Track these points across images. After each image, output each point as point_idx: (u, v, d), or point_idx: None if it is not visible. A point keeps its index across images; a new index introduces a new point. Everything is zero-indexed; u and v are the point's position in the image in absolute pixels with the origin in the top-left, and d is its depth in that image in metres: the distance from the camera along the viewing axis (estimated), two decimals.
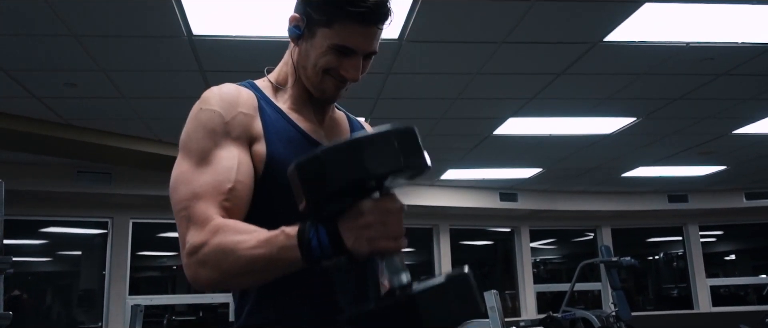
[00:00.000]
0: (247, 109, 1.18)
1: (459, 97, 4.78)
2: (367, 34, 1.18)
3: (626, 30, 3.67)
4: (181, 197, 1.10)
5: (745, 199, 9.26)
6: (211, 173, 1.10)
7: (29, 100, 4.54)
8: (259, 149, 1.16)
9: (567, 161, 7.06)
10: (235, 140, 1.14)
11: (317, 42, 1.19)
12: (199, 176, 1.10)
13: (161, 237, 8.36)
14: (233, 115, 1.16)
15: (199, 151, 1.13)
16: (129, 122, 5.21)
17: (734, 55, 4.12)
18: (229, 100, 1.18)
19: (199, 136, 1.14)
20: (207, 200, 1.08)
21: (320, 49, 1.19)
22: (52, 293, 8.10)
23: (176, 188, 1.13)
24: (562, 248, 11.20)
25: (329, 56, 1.19)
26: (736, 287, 10.52)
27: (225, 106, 1.16)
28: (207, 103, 1.17)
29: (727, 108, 5.29)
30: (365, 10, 1.14)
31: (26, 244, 7.68)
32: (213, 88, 1.21)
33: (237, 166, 1.12)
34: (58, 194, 6.57)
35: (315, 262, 0.97)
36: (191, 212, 1.08)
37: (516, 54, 4.00)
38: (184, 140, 1.17)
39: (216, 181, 1.09)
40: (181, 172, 1.13)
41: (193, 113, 1.18)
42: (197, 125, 1.16)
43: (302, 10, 1.21)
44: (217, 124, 1.14)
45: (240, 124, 1.16)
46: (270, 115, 1.21)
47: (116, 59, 3.90)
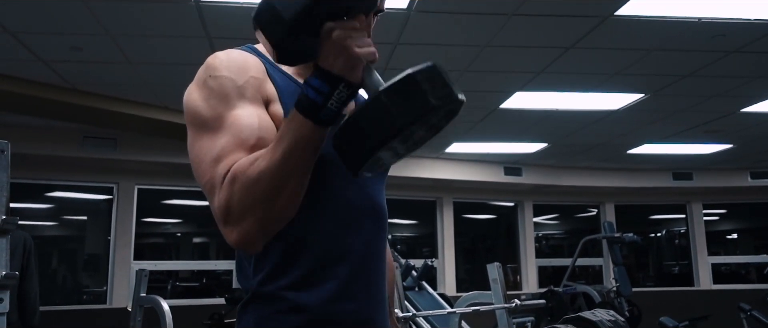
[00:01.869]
0: (257, 73, 1.12)
1: (467, 69, 4.75)
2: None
3: (637, 4, 3.62)
4: (205, 169, 1.05)
5: (750, 178, 9.24)
6: (230, 132, 1.04)
7: (35, 64, 4.53)
8: (277, 110, 1.11)
9: (573, 137, 7.04)
10: (252, 100, 1.09)
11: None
12: (217, 140, 1.04)
13: (166, 204, 8.40)
14: (245, 79, 1.10)
15: (214, 118, 1.07)
16: (135, 88, 5.20)
17: (746, 32, 4.07)
18: (239, 64, 1.11)
19: (212, 104, 1.08)
20: (228, 158, 1.02)
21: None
22: (58, 257, 8.18)
23: (198, 165, 1.07)
24: (565, 224, 11.22)
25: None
26: (738, 266, 10.56)
27: (235, 71, 1.10)
28: (215, 70, 1.10)
29: (736, 86, 5.25)
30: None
31: (32, 208, 7.72)
32: (217, 54, 1.14)
33: (258, 122, 1.06)
34: (64, 159, 6.59)
35: (325, 112, 0.96)
36: (214, 176, 1.03)
37: (525, 27, 3.97)
38: (194, 112, 1.10)
39: (237, 138, 1.04)
40: (199, 147, 1.07)
41: (200, 83, 1.11)
42: (208, 94, 1.09)
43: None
44: (230, 89, 1.08)
45: (253, 86, 1.10)
46: (279, 79, 1.16)
47: (122, 23, 3.88)
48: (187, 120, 1.12)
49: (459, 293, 7.44)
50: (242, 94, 1.08)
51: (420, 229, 9.84)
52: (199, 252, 9.75)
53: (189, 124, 1.11)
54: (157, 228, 9.11)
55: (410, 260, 6.18)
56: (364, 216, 1.18)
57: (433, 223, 9.06)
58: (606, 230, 7.92)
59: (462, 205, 9.24)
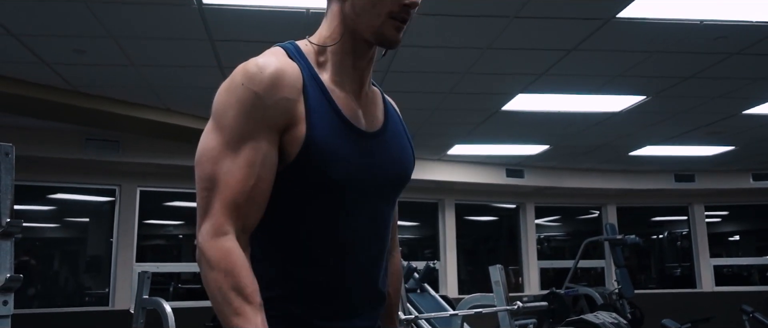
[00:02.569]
0: (290, 93, 1.14)
1: (468, 71, 4.76)
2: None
3: (640, 6, 3.63)
4: (205, 173, 1.11)
5: (752, 180, 9.23)
6: (237, 163, 1.09)
7: (38, 66, 4.54)
8: (298, 132, 1.13)
9: (575, 139, 7.04)
10: (268, 130, 1.12)
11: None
12: (224, 160, 1.10)
13: (168, 206, 8.41)
14: (275, 101, 1.12)
15: (231, 131, 1.10)
16: (138, 90, 5.22)
17: (748, 34, 4.07)
18: (274, 81, 1.12)
19: (234, 113, 1.11)
20: (225, 199, 1.08)
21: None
22: (60, 259, 8.18)
23: (201, 161, 1.12)
24: (567, 225, 11.22)
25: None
26: (740, 268, 10.54)
27: (267, 90, 1.11)
28: (250, 80, 1.12)
29: (738, 88, 5.25)
30: None
31: (34, 210, 7.73)
32: (259, 61, 1.14)
33: (261, 160, 1.10)
34: (67, 161, 6.60)
35: None
36: (209, 202, 1.09)
37: (528, 29, 3.97)
38: (218, 110, 1.14)
39: (239, 175, 1.09)
40: (209, 146, 1.12)
41: (234, 84, 1.13)
42: (234, 101, 1.11)
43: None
44: (255, 109, 1.11)
45: (279, 110, 1.12)
46: (314, 97, 1.17)
47: (126, 26, 3.89)
48: (212, 111, 1.16)
49: (461, 295, 7.44)
50: (264, 118, 1.11)
51: (422, 231, 9.84)
52: None
53: (212, 111, 1.15)
54: (160, 230, 9.12)
55: (412, 262, 6.19)
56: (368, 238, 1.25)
57: (435, 225, 9.06)
58: (608, 232, 7.92)
59: (464, 207, 9.24)
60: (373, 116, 1.29)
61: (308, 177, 1.15)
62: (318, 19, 1.21)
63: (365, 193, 1.22)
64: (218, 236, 1.07)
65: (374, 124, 1.28)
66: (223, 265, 1.05)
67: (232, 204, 1.08)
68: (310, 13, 3.67)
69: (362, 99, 1.28)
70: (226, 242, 1.07)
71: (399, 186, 1.32)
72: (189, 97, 5.45)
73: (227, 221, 1.08)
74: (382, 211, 1.28)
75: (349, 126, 1.20)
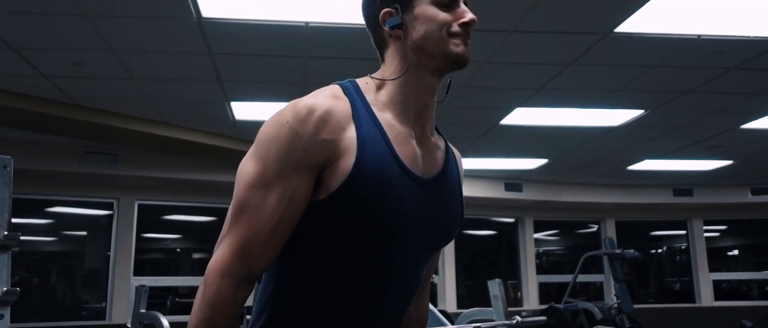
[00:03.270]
0: (334, 132, 1.12)
1: (467, 85, 4.77)
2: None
3: (637, 21, 3.64)
4: (237, 197, 1.13)
5: (751, 194, 9.23)
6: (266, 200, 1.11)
7: (37, 79, 4.55)
8: (343, 164, 1.11)
9: (573, 153, 7.05)
10: (303, 170, 1.12)
11: (420, 11, 1.20)
12: (255, 192, 1.11)
13: (166, 220, 8.39)
14: (316, 142, 1.11)
15: (267, 167, 1.11)
16: (137, 103, 5.22)
17: (745, 49, 4.09)
18: (319, 124, 1.11)
19: (273, 149, 1.11)
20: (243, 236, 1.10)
21: (429, 15, 1.20)
22: (57, 273, 8.15)
23: (237, 183, 1.14)
24: (566, 240, 11.20)
25: (441, 15, 1.20)
26: (739, 282, 10.52)
27: (311, 132, 1.11)
28: (297, 120, 1.11)
29: (736, 102, 5.26)
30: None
31: (32, 223, 7.71)
32: (309, 102, 1.13)
33: (288, 201, 1.11)
34: (65, 174, 6.59)
35: None
36: (230, 230, 1.12)
37: (526, 43, 3.98)
38: (260, 139, 1.14)
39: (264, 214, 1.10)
40: (247, 171, 1.13)
41: (282, 120, 1.13)
42: (277, 136, 1.12)
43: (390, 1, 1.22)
44: (295, 150, 1.11)
45: (319, 150, 1.11)
46: (366, 131, 1.15)
47: (125, 40, 3.90)
48: (257, 137, 1.17)
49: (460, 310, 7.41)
50: (299, 160, 1.11)
51: None
52: (199, 268, 9.71)
53: (255, 143, 1.16)
54: (157, 244, 9.09)
55: None
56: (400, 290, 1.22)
57: None
58: (607, 246, 7.91)
59: None
60: (431, 162, 1.26)
61: (349, 211, 1.12)
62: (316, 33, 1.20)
63: (409, 239, 1.18)
64: (223, 277, 1.09)
65: (431, 170, 1.25)
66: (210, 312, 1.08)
67: (249, 243, 1.10)
68: (309, 27, 3.69)
69: (423, 142, 1.25)
70: (225, 290, 1.09)
71: (443, 240, 1.29)
72: (188, 111, 5.46)
73: (234, 262, 1.09)
74: (419, 263, 1.25)
75: (401, 166, 1.16)
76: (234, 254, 1.09)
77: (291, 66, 4.25)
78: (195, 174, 6.79)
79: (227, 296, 1.08)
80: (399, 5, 1.21)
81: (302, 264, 1.17)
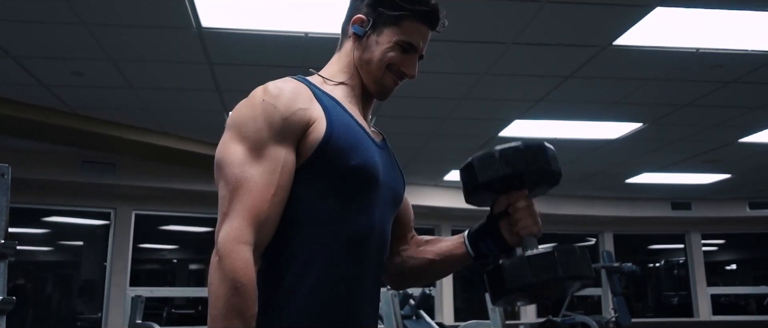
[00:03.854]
0: (305, 104, 1.25)
1: (466, 97, 4.77)
2: (426, 34, 1.39)
3: (636, 34, 3.66)
4: (230, 178, 1.19)
5: (749, 208, 9.23)
6: (260, 170, 1.18)
7: (36, 88, 4.54)
8: (316, 129, 1.23)
9: (571, 165, 7.05)
10: (287, 139, 1.22)
11: (384, 39, 1.34)
12: (247, 166, 1.19)
13: (163, 230, 8.37)
14: (292, 112, 1.22)
15: (255, 141, 1.20)
16: (135, 113, 5.22)
17: (744, 63, 4.10)
18: (290, 95, 1.24)
19: (256, 125, 1.21)
20: (249, 204, 1.16)
21: (386, 46, 1.34)
22: (53, 283, 8.11)
23: (224, 166, 1.20)
24: None
25: (394, 52, 1.34)
26: (737, 297, 10.49)
27: (286, 103, 1.23)
28: (270, 96, 1.23)
29: (734, 116, 5.27)
30: (429, 12, 1.36)
31: (28, 233, 7.68)
32: (277, 82, 1.27)
33: (281, 168, 1.20)
34: (63, 183, 6.57)
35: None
36: (232, 205, 1.16)
37: (525, 55, 3.99)
38: (238, 122, 1.23)
39: (262, 182, 1.18)
40: (233, 152, 1.20)
41: (255, 100, 1.24)
42: (257, 114, 1.22)
43: (369, 10, 1.36)
44: (276, 121, 1.21)
45: (297, 120, 1.22)
46: (328, 104, 1.28)
47: (125, 49, 3.90)
48: (229, 124, 1.24)
49: (457, 323, 7.39)
50: (283, 130, 1.22)
51: None
52: (196, 279, 9.67)
53: (229, 128, 1.24)
54: (154, 254, 9.06)
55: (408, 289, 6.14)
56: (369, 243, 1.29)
57: None
58: (605, 260, 7.89)
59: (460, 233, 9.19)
60: (376, 133, 1.42)
61: (329, 167, 1.22)
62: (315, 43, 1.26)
63: (378, 192, 1.29)
64: (239, 243, 1.12)
65: (377, 138, 1.40)
66: (235, 280, 1.10)
67: (255, 210, 1.16)
68: (307, 37, 3.69)
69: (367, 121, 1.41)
70: (245, 253, 1.12)
71: (399, 198, 1.41)
72: (187, 120, 5.45)
73: (248, 228, 1.14)
74: (387, 220, 1.35)
75: (363, 129, 1.32)
76: (245, 223, 1.14)
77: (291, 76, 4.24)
78: (193, 184, 6.77)
79: (249, 260, 1.12)
80: (374, 19, 1.34)
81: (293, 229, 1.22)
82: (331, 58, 1.43)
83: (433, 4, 1.37)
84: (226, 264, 1.10)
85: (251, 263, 1.12)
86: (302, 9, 3.39)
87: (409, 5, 1.34)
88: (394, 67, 1.36)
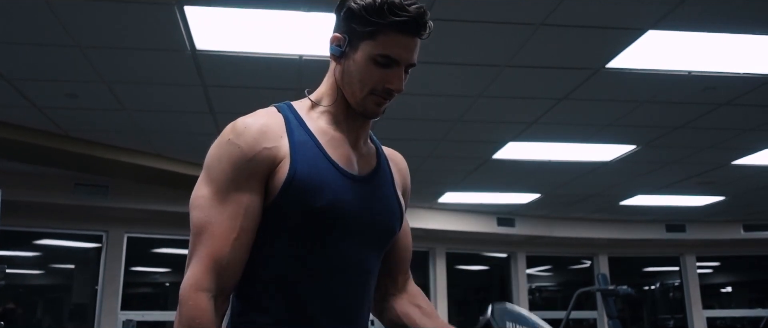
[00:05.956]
0: (271, 142, 1.23)
1: (460, 119, 4.78)
2: (408, 44, 1.24)
3: (629, 57, 3.68)
4: (195, 221, 1.20)
5: (743, 230, 9.24)
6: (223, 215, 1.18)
7: (29, 110, 4.53)
8: (282, 170, 1.21)
9: (565, 188, 7.05)
10: (252, 180, 1.20)
11: (360, 56, 1.24)
12: (212, 210, 1.19)
13: (155, 253, 8.30)
14: (256, 152, 1.21)
15: (219, 183, 1.20)
16: (129, 135, 5.20)
17: (736, 86, 4.13)
18: (255, 135, 1.22)
19: (221, 167, 1.21)
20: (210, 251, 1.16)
21: (363, 62, 1.24)
22: (44, 306, 8.02)
23: (192, 209, 1.22)
24: (559, 275, 11.14)
25: (373, 70, 1.24)
26: (733, 320, 10.45)
27: (250, 143, 1.21)
28: (236, 135, 1.22)
29: (727, 138, 5.29)
30: (408, 19, 1.21)
31: (19, 256, 7.61)
32: (246, 120, 1.25)
33: (244, 212, 1.19)
34: (55, 206, 6.53)
35: None
36: (195, 249, 1.18)
37: (518, 78, 4.01)
38: (208, 164, 1.24)
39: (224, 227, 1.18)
40: (200, 195, 1.22)
41: (223, 140, 1.23)
42: (221, 155, 1.22)
43: (344, 27, 1.27)
44: (240, 162, 1.20)
45: (261, 160, 1.21)
46: (298, 140, 1.25)
47: (119, 71, 3.90)
48: (204, 164, 1.26)
49: None
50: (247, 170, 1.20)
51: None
52: None
53: (204, 163, 1.26)
54: (146, 277, 8.97)
55: None
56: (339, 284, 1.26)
57: (425, 274, 8.97)
58: (600, 282, 7.84)
59: (455, 256, 9.17)
60: (367, 162, 1.35)
61: (291, 209, 1.20)
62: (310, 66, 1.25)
63: (349, 231, 1.25)
64: (197, 291, 1.14)
65: (365, 169, 1.33)
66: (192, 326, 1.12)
67: (216, 256, 1.16)
68: (302, 60, 3.70)
69: (358, 147, 1.34)
70: (202, 301, 1.13)
71: (384, 233, 1.34)
72: (180, 143, 5.44)
73: (207, 276, 1.15)
74: (365, 256, 1.29)
75: (334, 165, 1.26)
76: (204, 270, 1.15)
77: (285, 99, 4.23)
78: (186, 207, 6.60)
79: (206, 308, 1.13)
80: (349, 36, 1.26)
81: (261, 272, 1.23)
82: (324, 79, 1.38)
83: (412, 10, 1.21)
84: (185, 311, 1.12)
85: (209, 310, 1.13)
86: (297, 31, 3.40)
87: (381, 17, 1.21)
88: (377, 88, 1.25)
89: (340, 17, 1.28)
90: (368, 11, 1.21)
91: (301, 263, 1.22)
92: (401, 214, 1.38)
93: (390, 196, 1.36)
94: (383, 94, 1.26)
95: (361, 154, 1.34)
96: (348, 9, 1.25)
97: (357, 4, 1.23)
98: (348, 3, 1.25)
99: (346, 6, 1.25)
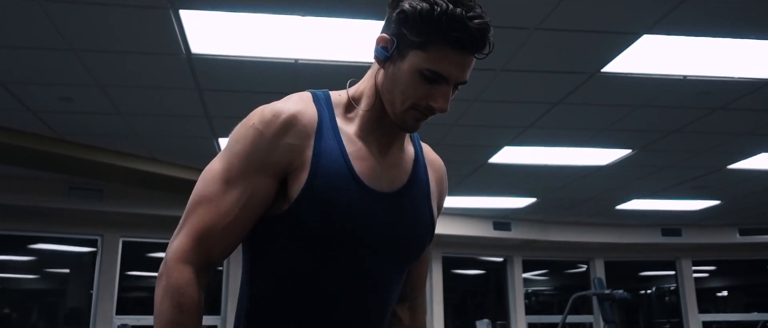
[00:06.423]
0: (295, 139, 1.15)
1: (455, 123, 4.78)
2: (462, 62, 1.13)
3: (624, 61, 3.68)
4: (198, 190, 1.17)
5: (739, 235, 9.25)
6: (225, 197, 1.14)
7: (24, 114, 4.51)
8: (300, 177, 1.14)
9: (561, 192, 7.05)
10: (265, 173, 1.15)
11: (407, 65, 1.12)
12: (216, 185, 1.15)
13: (151, 257, 8.27)
14: (276, 145, 1.15)
15: (231, 165, 1.16)
16: (124, 139, 5.18)
17: (731, 90, 4.13)
18: (281, 127, 1.15)
19: (237, 149, 1.16)
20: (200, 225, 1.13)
21: (409, 73, 1.13)
22: (38, 311, 7.98)
23: (202, 178, 1.19)
24: (555, 280, 11.14)
25: (419, 83, 1.13)
26: (729, 324, 10.46)
27: (274, 133, 1.15)
28: (262, 122, 1.16)
29: (722, 143, 5.30)
30: (465, 36, 1.09)
31: (13, 260, 7.57)
32: (276, 106, 1.18)
33: (246, 202, 1.14)
34: (49, 210, 6.50)
35: None
36: (188, 219, 1.16)
37: (514, 82, 4.01)
38: (230, 141, 1.19)
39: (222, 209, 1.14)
40: (211, 169, 1.18)
41: (249, 123, 1.17)
42: (243, 136, 1.17)
43: (394, 30, 1.14)
44: (258, 150, 1.15)
45: (281, 154, 1.15)
46: (326, 146, 1.17)
47: (113, 75, 3.89)
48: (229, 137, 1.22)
49: None
50: (261, 162, 1.15)
51: None
52: None
53: (227, 141, 1.21)
54: (141, 282, 8.93)
55: None
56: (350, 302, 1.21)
57: None
58: (596, 287, 7.83)
59: (451, 260, 9.17)
60: (396, 175, 1.25)
61: (306, 223, 1.14)
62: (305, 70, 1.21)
63: (365, 247, 1.18)
64: (181, 262, 1.11)
65: (395, 184, 1.24)
66: (177, 298, 1.09)
67: (204, 233, 1.12)
68: (298, 64, 3.69)
69: (389, 156, 1.25)
70: (187, 273, 1.10)
71: (411, 252, 1.26)
72: (175, 147, 5.43)
73: (193, 252, 1.12)
74: (389, 274, 1.22)
75: (357, 181, 1.17)
76: (191, 244, 1.12)
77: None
78: (181, 211, 6.52)
79: (191, 279, 1.10)
80: (398, 40, 1.13)
81: (272, 279, 1.19)
82: (365, 75, 1.27)
83: (473, 25, 1.08)
84: (169, 283, 1.10)
85: (194, 282, 1.10)
86: (292, 36, 3.39)
87: (436, 29, 1.08)
88: (420, 104, 1.15)
89: (392, 18, 1.15)
90: (423, 19, 1.08)
91: (315, 273, 1.17)
92: (432, 227, 1.30)
93: (421, 208, 1.27)
94: (425, 110, 1.16)
95: (394, 163, 1.25)
96: (401, 11, 1.11)
97: (412, 8, 1.09)
98: (403, 4, 1.12)
99: (400, 7, 1.12)
